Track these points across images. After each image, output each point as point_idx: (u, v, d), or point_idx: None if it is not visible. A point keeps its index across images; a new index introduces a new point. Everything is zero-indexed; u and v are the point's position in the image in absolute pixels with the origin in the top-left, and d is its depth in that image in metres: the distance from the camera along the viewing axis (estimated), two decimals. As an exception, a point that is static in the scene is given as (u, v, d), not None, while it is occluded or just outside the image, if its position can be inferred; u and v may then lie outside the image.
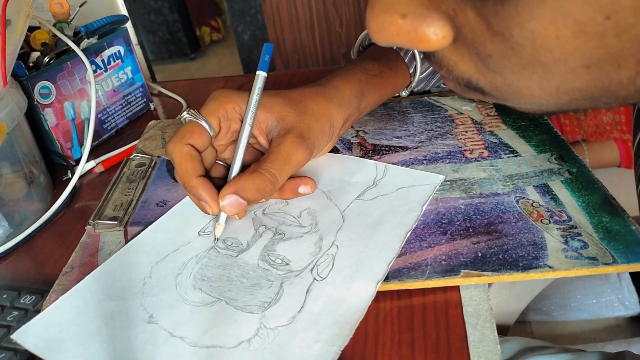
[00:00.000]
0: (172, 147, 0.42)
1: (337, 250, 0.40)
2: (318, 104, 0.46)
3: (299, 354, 0.33)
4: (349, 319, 0.35)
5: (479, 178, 0.47)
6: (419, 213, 0.43)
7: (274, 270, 0.39)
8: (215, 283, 0.39)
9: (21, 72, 0.55)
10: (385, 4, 0.22)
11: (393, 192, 0.46)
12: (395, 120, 0.57)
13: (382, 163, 0.50)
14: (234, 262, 0.41)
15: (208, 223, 0.45)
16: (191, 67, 2.93)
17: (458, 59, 0.23)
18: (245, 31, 1.92)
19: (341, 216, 0.44)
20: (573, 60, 0.19)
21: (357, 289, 0.37)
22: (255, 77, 0.44)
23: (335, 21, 1.58)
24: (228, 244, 0.42)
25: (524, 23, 0.19)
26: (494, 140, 0.52)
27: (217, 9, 3.14)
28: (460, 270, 0.37)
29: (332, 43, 1.64)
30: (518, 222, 0.41)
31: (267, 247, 0.41)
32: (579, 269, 0.36)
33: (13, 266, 0.46)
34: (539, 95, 0.22)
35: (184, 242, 0.43)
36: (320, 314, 0.35)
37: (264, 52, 0.46)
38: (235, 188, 0.40)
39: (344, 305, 0.36)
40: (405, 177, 0.48)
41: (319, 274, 0.39)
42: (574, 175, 0.46)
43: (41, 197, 0.53)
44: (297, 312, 0.36)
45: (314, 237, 0.42)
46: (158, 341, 0.35)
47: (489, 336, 0.33)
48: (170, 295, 0.38)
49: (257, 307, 0.37)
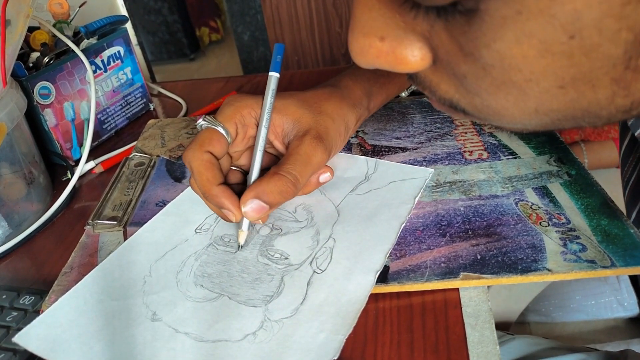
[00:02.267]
0: (191, 155, 0.41)
1: (334, 243, 0.41)
2: (332, 105, 0.46)
3: (304, 344, 0.33)
4: (350, 308, 0.35)
5: (478, 180, 0.47)
6: (411, 205, 0.44)
7: (273, 264, 0.40)
8: (216, 279, 0.39)
9: (21, 72, 0.55)
10: (364, 26, 0.22)
11: (385, 186, 0.47)
12: (394, 120, 0.57)
13: (373, 159, 0.51)
14: (233, 258, 0.41)
15: (204, 220, 0.45)
16: (191, 68, 2.93)
17: (439, 80, 0.24)
18: (244, 32, 1.92)
19: (336, 210, 0.45)
20: (545, 80, 0.19)
21: (357, 279, 0.37)
22: (268, 78, 0.44)
23: (335, 21, 1.58)
24: (226, 241, 0.43)
25: (490, 44, 0.19)
26: (493, 142, 0.52)
27: (217, 9, 3.14)
28: (459, 273, 0.37)
29: (332, 43, 1.64)
30: (517, 225, 0.41)
31: (265, 242, 0.42)
32: (577, 272, 0.36)
33: (12, 266, 0.46)
34: (519, 116, 0.22)
35: (181, 240, 0.43)
36: (323, 305, 0.36)
37: (275, 52, 0.45)
38: (257, 192, 0.39)
39: (345, 295, 0.36)
40: (396, 172, 0.48)
41: (319, 267, 0.39)
42: (572, 178, 0.46)
43: (41, 198, 0.53)
44: (299, 304, 0.36)
45: (310, 231, 0.43)
46: (163, 338, 0.35)
47: (488, 337, 0.34)
48: (172, 293, 0.38)
49: (260, 300, 0.37)
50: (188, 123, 0.62)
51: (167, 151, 0.57)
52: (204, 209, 0.46)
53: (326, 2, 1.54)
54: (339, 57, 1.67)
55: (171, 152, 0.57)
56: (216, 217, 0.45)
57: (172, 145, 0.58)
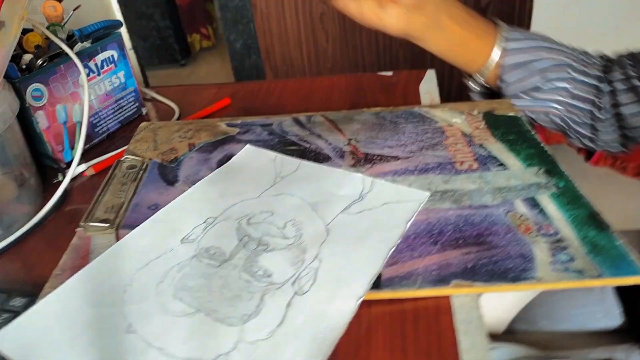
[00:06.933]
0: None
1: (319, 264, 0.40)
2: None
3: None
4: (328, 334, 0.35)
5: (469, 190, 0.48)
6: (403, 230, 0.43)
7: (255, 282, 0.39)
8: (196, 293, 0.39)
9: (13, 74, 0.55)
10: None
11: (378, 207, 0.46)
12: (386, 130, 0.58)
13: (369, 177, 0.50)
14: (215, 272, 0.40)
15: (191, 230, 0.45)
16: (182, 73, 2.92)
17: None
18: (237, 39, 1.93)
19: (325, 229, 0.44)
20: None
21: (338, 304, 0.37)
22: None
23: (322, 36, 1.60)
24: (211, 253, 0.42)
25: None
26: (483, 153, 0.53)
27: (209, 16, 3.15)
28: (451, 281, 0.38)
29: (319, 57, 1.65)
30: (507, 234, 0.42)
31: (250, 258, 0.41)
32: (566, 282, 0.37)
33: (3, 268, 0.46)
34: None
35: (166, 250, 0.43)
36: (300, 329, 0.35)
37: None
38: None
39: (324, 321, 0.36)
40: (391, 193, 0.48)
41: (301, 288, 0.38)
42: (561, 190, 0.47)
43: (31, 200, 0.53)
44: (276, 326, 0.36)
45: (297, 249, 0.42)
46: (135, 351, 0.34)
47: (479, 343, 0.34)
48: (150, 305, 0.38)
49: (237, 319, 0.36)
50: (180, 126, 0.62)
51: (160, 154, 0.57)
52: (192, 218, 0.46)
53: (313, 16, 1.55)
54: (325, 71, 1.68)
55: (164, 155, 0.57)
56: (204, 228, 0.45)
57: (165, 148, 0.58)
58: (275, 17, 1.58)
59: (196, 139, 0.59)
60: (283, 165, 0.53)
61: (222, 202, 0.48)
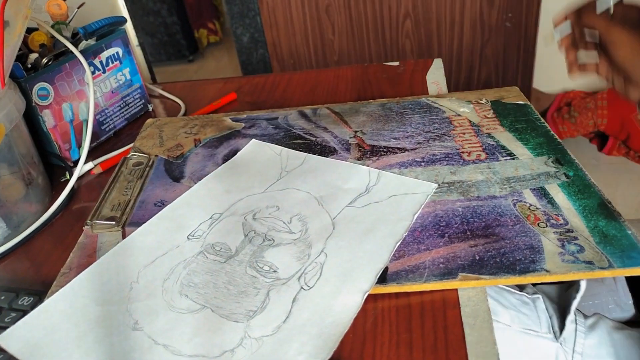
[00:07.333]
0: None
1: (325, 259, 0.40)
2: None
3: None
4: (333, 330, 0.35)
5: (477, 180, 0.47)
6: (409, 222, 0.43)
7: (261, 277, 0.39)
8: (201, 290, 0.39)
9: (19, 73, 0.55)
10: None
11: (385, 200, 0.46)
12: (393, 121, 0.58)
13: (376, 170, 0.50)
14: (221, 268, 0.40)
15: (197, 227, 0.45)
16: (189, 69, 2.93)
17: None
18: (244, 33, 1.92)
19: (332, 223, 0.44)
20: None
21: (344, 299, 0.37)
22: None
23: (328, 28, 1.59)
24: (217, 249, 0.42)
25: None
26: (491, 143, 0.52)
27: (215, 11, 3.14)
28: (458, 273, 0.37)
29: (325, 49, 1.64)
30: (515, 226, 0.41)
31: (256, 253, 0.41)
32: (575, 273, 0.37)
33: (11, 267, 0.46)
34: None
35: (172, 246, 0.43)
36: (305, 325, 0.35)
37: None
38: None
39: (329, 316, 0.36)
40: (397, 185, 0.47)
41: (307, 283, 0.38)
42: (570, 179, 0.46)
43: (39, 199, 0.53)
44: (282, 322, 0.36)
45: (303, 244, 0.42)
46: (142, 349, 0.35)
47: (487, 337, 0.34)
48: (156, 302, 0.38)
49: (242, 315, 0.36)
50: (186, 122, 0.62)
51: (166, 150, 0.57)
52: (199, 215, 0.46)
53: (319, 9, 1.54)
54: (331, 64, 1.67)
55: (169, 151, 0.57)
56: (210, 224, 0.45)
57: (171, 144, 0.58)
58: (282, 9, 1.57)
59: (202, 135, 0.59)
60: (289, 159, 0.53)
61: (227, 197, 0.48)
